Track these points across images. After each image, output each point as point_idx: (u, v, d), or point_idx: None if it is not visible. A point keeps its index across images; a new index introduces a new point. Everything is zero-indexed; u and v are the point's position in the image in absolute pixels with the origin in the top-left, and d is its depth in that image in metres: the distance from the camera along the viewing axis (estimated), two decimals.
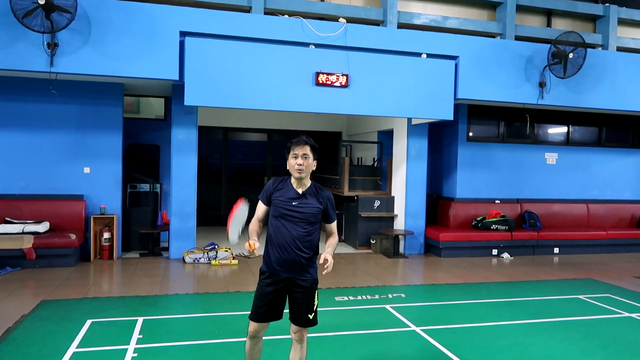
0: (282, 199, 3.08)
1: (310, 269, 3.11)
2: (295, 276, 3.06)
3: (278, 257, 3.05)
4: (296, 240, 3.03)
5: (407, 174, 8.89)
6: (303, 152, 3.03)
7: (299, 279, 3.07)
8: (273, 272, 3.08)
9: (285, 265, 3.05)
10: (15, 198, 7.40)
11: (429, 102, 7.77)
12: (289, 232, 3.04)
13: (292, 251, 3.03)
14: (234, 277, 6.82)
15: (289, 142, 3.10)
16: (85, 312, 5.02)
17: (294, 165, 3.05)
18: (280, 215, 3.06)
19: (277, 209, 3.09)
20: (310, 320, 3.10)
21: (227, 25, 7.03)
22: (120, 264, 7.46)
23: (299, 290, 3.08)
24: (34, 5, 6.01)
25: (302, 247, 3.05)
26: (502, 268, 7.93)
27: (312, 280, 3.12)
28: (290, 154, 3.07)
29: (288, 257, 3.03)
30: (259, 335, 3.18)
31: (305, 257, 3.07)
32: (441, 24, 8.46)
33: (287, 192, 3.10)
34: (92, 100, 7.68)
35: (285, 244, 3.03)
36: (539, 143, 9.85)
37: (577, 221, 9.89)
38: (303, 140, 3.06)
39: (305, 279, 3.08)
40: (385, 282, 6.71)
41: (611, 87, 8.72)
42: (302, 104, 7.30)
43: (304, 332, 3.14)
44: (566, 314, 5.39)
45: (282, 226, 3.06)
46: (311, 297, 3.10)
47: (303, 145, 3.04)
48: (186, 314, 5.23)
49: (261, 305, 3.08)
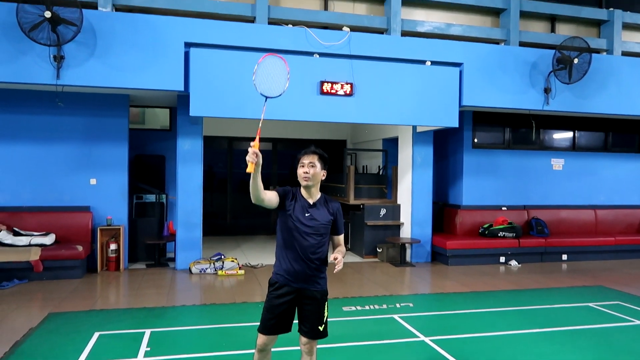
0: (296, 212, 3.05)
1: (320, 280, 3.10)
2: (305, 287, 3.06)
3: (289, 268, 3.05)
4: (307, 251, 3.02)
5: (412, 182, 8.86)
6: (310, 161, 3.05)
7: (309, 290, 3.06)
8: (283, 283, 3.07)
9: (296, 276, 3.04)
10: (22, 210, 7.43)
11: (434, 109, 7.76)
12: (300, 242, 3.03)
13: (302, 262, 3.03)
14: (241, 288, 6.80)
15: (299, 153, 3.13)
16: (93, 325, 5.01)
17: (301, 173, 3.06)
18: (292, 229, 3.04)
19: (288, 219, 3.05)
20: (320, 332, 3.09)
21: (231, 35, 7.07)
22: (127, 275, 7.46)
23: (309, 302, 3.07)
24: (40, 19, 6.07)
25: (313, 257, 3.04)
26: (510, 276, 7.87)
27: (322, 291, 3.11)
28: (299, 164, 3.09)
29: (299, 267, 3.03)
30: (268, 348, 3.15)
31: (316, 268, 3.06)
32: (445, 31, 8.47)
33: (299, 203, 3.08)
34: (98, 112, 7.72)
35: (296, 255, 3.03)
36: (544, 149, 9.80)
37: (584, 227, 9.81)
38: (311, 150, 3.09)
39: (315, 290, 3.08)
40: (392, 292, 6.67)
41: (617, 92, 8.69)
42: (307, 113, 7.31)
43: (314, 344, 3.12)
44: (576, 323, 5.33)
45: (292, 237, 3.04)
46: (321, 309, 3.09)
47: (310, 155, 3.07)
48: (193, 325, 5.20)
49: (270, 318, 3.06)
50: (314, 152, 3.08)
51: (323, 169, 3.09)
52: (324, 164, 3.10)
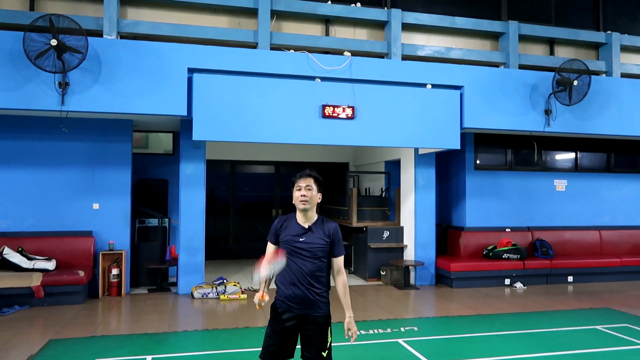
0: (289, 236, 3.09)
1: (322, 304, 3.07)
2: (308, 312, 3.04)
3: (290, 294, 3.04)
4: (306, 276, 3.02)
5: (415, 204, 8.84)
6: (306, 184, 3.09)
7: (311, 315, 3.04)
8: (285, 309, 3.06)
9: (297, 301, 3.03)
10: (24, 235, 7.42)
11: (435, 131, 7.80)
12: (299, 267, 3.03)
13: (303, 287, 3.02)
14: (243, 312, 6.73)
15: (293, 176, 3.17)
16: (94, 352, 4.95)
17: (298, 197, 3.09)
18: (289, 252, 3.05)
19: (285, 245, 3.09)
20: (324, 358, 3.04)
21: (234, 61, 7.17)
22: (129, 300, 7.40)
23: (312, 327, 3.04)
24: (46, 46, 6.18)
25: (313, 282, 3.03)
26: (516, 298, 7.77)
27: (324, 316, 3.07)
28: (295, 187, 3.13)
29: (300, 293, 3.02)
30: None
31: (317, 292, 3.04)
32: (445, 54, 8.57)
33: (293, 229, 3.11)
34: (102, 137, 7.78)
35: (295, 280, 3.03)
36: (547, 170, 9.80)
37: (590, 248, 9.72)
38: (306, 174, 3.13)
39: (318, 315, 3.05)
40: (397, 315, 6.59)
41: (617, 113, 8.73)
42: (309, 136, 7.35)
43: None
44: (584, 346, 5.24)
45: (291, 262, 3.04)
46: (324, 334, 3.05)
47: (306, 178, 3.11)
48: (195, 351, 5.14)
49: (272, 344, 3.04)
50: (310, 175, 3.13)
51: (319, 191, 3.14)
52: (319, 187, 3.14)
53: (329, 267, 3.14)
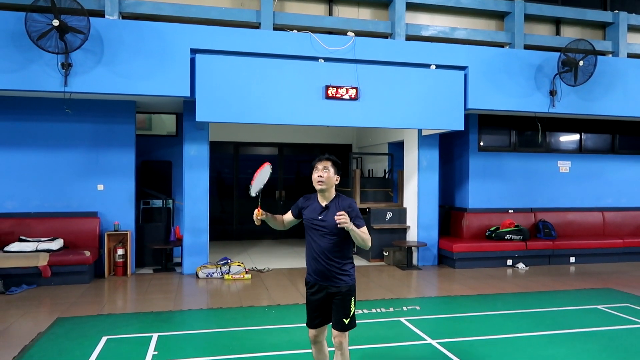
0: (309, 214, 3.34)
1: (344, 276, 3.28)
2: (329, 284, 3.28)
3: (314, 268, 3.32)
4: (325, 252, 3.24)
5: (418, 185, 8.85)
6: (323, 166, 3.29)
7: (334, 286, 3.27)
8: (313, 282, 3.34)
9: (320, 274, 3.29)
10: (30, 216, 7.49)
11: (439, 112, 7.76)
12: (318, 244, 3.27)
13: (323, 262, 3.25)
14: (247, 292, 6.81)
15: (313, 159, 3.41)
16: (101, 329, 5.04)
17: (315, 177, 3.29)
18: (309, 229, 3.33)
19: (307, 223, 3.35)
20: (346, 324, 3.27)
21: (236, 41, 7.12)
22: (134, 280, 7.49)
23: (334, 296, 3.28)
24: (48, 27, 6.14)
25: (332, 257, 3.24)
26: (518, 278, 7.83)
27: (347, 286, 3.29)
28: (314, 169, 3.33)
29: (320, 267, 3.27)
30: (319, 339, 3.41)
31: (337, 266, 3.26)
32: (449, 35, 8.48)
33: (313, 207, 3.35)
34: (105, 119, 7.79)
35: (316, 256, 3.28)
36: (551, 151, 9.77)
37: (592, 230, 9.75)
38: (325, 157, 3.35)
39: (340, 286, 3.27)
40: (399, 295, 6.66)
41: (623, 94, 8.66)
42: (312, 117, 7.34)
43: (342, 338, 3.28)
44: (585, 325, 5.30)
45: (311, 239, 3.31)
46: (346, 303, 3.28)
47: (324, 160, 3.32)
48: (200, 329, 5.22)
49: (310, 313, 3.37)
50: (328, 158, 3.34)
51: (336, 174, 3.33)
52: (337, 170, 3.34)
53: (348, 243, 3.31)
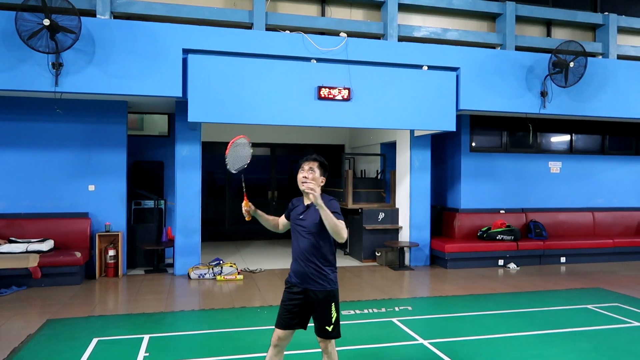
0: (294, 215, 3.29)
1: (322, 280, 3.13)
2: (307, 287, 3.15)
3: (294, 269, 3.24)
4: (304, 252, 3.15)
5: (410, 186, 8.88)
6: (309, 166, 3.18)
7: (311, 290, 3.14)
8: (293, 283, 3.23)
9: (299, 276, 3.18)
10: (20, 217, 7.43)
11: (431, 113, 7.79)
12: (298, 244, 3.20)
13: (302, 262, 3.16)
14: (239, 293, 6.80)
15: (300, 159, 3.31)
16: (91, 331, 5.01)
17: (300, 178, 3.16)
18: (293, 230, 3.27)
19: (291, 224, 3.31)
20: (329, 332, 3.14)
21: (229, 42, 7.10)
22: (126, 281, 7.45)
23: (313, 301, 3.15)
24: (39, 26, 6.10)
25: (311, 258, 3.13)
26: (509, 278, 7.87)
27: (325, 292, 3.13)
28: (300, 169, 3.23)
29: (300, 268, 3.17)
30: (281, 344, 3.23)
31: (315, 268, 3.13)
32: (441, 36, 8.52)
33: (298, 208, 3.29)
34: (97, 119, 7.74)
35: (296, 256, 3.21)
36: (542, 152, 9.84)
37: (583, 230, 9.83)
38: (312, 157, 3.23)
39: (318, 291, 3.13)
40: (391, 295, 6.68)
41: (613, 95, 8.74)
42: (305, 118, 7.34)
43: (327, 343, 3.21)
44: (575, 325, 5.34)
45: (295, 240, 3.25)
46: (326, 309, 3.13)
47: (311, 161, 3.21)
48: (192, 330, 5.20)
49: (282, 313, 3.21)
50: (315, 159, 3.22)
51: (322, 175, 3.21)
52: (323, 171, 3.22)
53: (329, 245, 3.17)
